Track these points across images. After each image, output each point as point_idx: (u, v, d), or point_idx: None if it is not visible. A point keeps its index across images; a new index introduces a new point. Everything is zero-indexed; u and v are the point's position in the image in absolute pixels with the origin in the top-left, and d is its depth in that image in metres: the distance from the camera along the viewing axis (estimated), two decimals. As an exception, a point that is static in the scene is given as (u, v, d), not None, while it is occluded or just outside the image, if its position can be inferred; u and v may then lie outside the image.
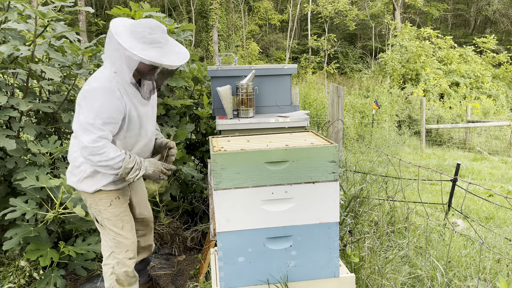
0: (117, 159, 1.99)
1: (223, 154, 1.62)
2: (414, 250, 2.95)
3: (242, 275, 1.71)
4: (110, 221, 2.22)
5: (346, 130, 8.94)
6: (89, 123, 1.94)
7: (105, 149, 1.95)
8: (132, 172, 2.04)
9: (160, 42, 1.95)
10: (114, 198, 2.21)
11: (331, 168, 1.68)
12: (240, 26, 26.02)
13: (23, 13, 2.76)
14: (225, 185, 1.63)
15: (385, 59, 17.76)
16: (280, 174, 1.66)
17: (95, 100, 1.93)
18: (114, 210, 2.22)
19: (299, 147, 1.66)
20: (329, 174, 1.68)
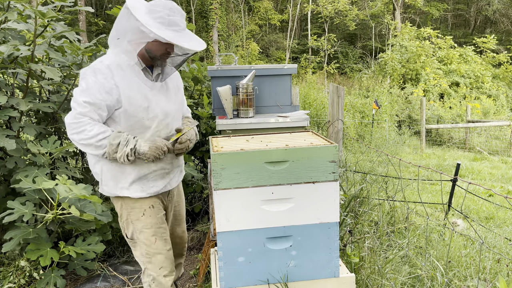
0: (100, 135, 1.83)
1: (223, 154, 1.62)
2: (414, 250, 2.95)
3: (242, 275, 1.71)
4: (143, 233, 2.03)
5: (346, 130, 8.93)
6: (73, 101, 1.86)
7: (85, 126, 1.83)
8: (119, 150, 1.84)
9: (179, 25, 1.85)
10: (147, 207, 2.03)
11: (331, 168, 1.68)
12: (240, 26, 26.02)
13: (23, 13, 2.76)
14: (225, 185, 1.63)
15: (385, 59, 17.76)
16: (280, 174, 1.66)
17: (82, 80, 1.86)
18: (148, 221, 2.03)
19: (299, 147, 1.66)
20: (329, 174, 1.68)
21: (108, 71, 1.85)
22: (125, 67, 1.90)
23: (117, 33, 1.89)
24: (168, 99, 2.06)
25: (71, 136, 1.86)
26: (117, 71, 1.87)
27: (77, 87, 1.88)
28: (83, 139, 1.84)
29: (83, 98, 1.83)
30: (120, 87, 1.87)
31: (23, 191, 2.56)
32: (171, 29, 1.82)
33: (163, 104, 2.01)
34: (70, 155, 3.03)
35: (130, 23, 1.82)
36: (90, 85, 1.84)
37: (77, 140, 1.85)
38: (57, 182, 2.40)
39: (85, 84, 1.84)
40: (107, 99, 1.85)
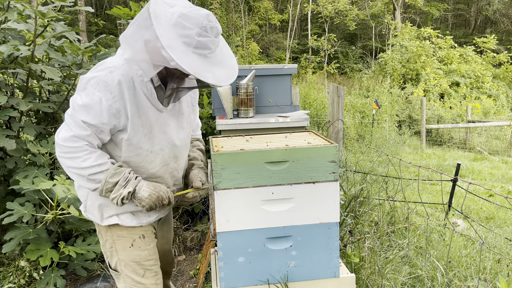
0: (95, 168, 1.51)
1: (223, 154, 1.61)
2: (414, 250, 2.94)
3: (242, 275, 1.70)
4: (129, 267, 1.72)
5: (346, 130, 8.93)
6: (69, 114, 1.51)
7: (80, 153, 1.50)
8: (115, 191, 1.53)
9: (209, 49, 1.45)
10: (137, 237, 1.73)
11: (331, 168, 1.68)
12: (240, 26, 26.02)
13: (23, 13, 2.76)
14: (225, 185, 1.63)
15: (385, 59, 17.76)
16: (280, 174, 1.65)
17: (84, 91, 1.50)
18: (136, 253, 1.72)
19: (299, 147, 1.65)
20: (329, 174, 1.68)
21: (118, 89, 1.50)
22: (137, 83, 1.54)
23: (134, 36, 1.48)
24: (179, 125, 1.74)
25: (60, 157, 1.53)
26: (128, 90, 1.52)
27: (77, 97, 1.51)
28: (74, 168, 1.52)
29: (83, 117, 1.48)
30: (129, 111, 1.53)
31: (22, 191, 2.56)
32: (198, 53, 1.43)
33: (173, 133, 1.70)
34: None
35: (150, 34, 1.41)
36: (94, 102, 1.48)
37: (66, 166, 1.53)
38: (55, 183, 2.39)
39: (88, 99, 1.48)
40: (112, 123, 1.53)
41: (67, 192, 2.36)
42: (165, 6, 1.42)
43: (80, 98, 1.50)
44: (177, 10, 1.41)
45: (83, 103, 1.49)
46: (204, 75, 1.42)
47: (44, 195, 2.57)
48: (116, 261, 1.75)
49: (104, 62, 1.57)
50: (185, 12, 1.41)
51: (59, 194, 2.35)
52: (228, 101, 2.72)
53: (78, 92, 1.53)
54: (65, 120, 1.54)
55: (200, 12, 1.43)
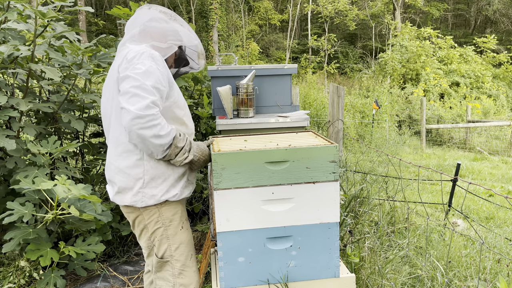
0: (170, 134, 1.63)
1: (224, 154, 1.61)
2: (414, 250, 2.94)
3: (242, 275, 1.70)
4: (179, 250, 1.82)
5: (346, 130, 8.93)
6: (137, 86, 1.56)
7: (159, 120, 1.57)
8: (180, 154, 1.69)
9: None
10: (185, 219, 1.87)
11: (332, 168, 1.68)
12: (240, 26, 26.02)
13: (23, 13, 2.76)
14: (225, 185, 1.63)
15: (385, 59, 17.76)
16: (281, 174, 1.65)
17: (141, 62, 1.62)
18: (185, 235, 1.85)
19: (299, 147, 1.65)
20: (330, 174, 1.68)
21: (161, 60, 1.71)
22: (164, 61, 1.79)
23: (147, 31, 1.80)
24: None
25: (141, 130, 1.55)
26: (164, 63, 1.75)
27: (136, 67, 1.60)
28: (155, 137, 1.57)
29: (150, 82, 1.58)
30: (170, 78, 1.75)
31: (22, 191, 2.56)
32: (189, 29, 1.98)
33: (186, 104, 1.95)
34: (70, 155, 3.03)
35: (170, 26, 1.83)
36: (153, 69, 1.61)
37: (148, 136, 1.56)
38: (55, 183, 2.39)
39: (147, 66, 1.61)
40: (167, 88, 1.69)
41: (67, 192, 2.36)
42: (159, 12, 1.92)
43: (141, 66, 1.60)
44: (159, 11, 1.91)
45: (146, 69, 1.60)
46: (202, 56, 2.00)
47: (44, 195, 2.57)
48: (166, 248, 1.81)
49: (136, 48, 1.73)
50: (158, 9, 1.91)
51: (60, 194, 2.34)
52: (228, 101, 2.72)
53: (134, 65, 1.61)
54: (130, 94, 1.56)
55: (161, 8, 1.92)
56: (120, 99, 1.58)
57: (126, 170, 1.73)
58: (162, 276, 1.84)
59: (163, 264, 1.83)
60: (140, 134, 1.55)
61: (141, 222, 1.82)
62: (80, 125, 2.79)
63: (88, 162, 3.47)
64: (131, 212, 1.81)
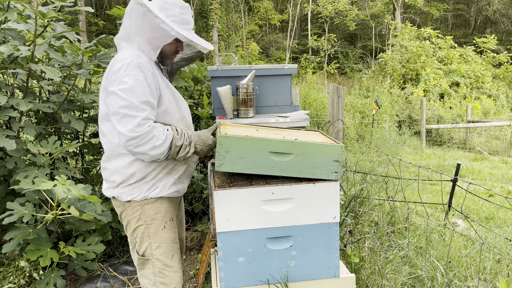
0: (167, 140, 1.68)
1: (230, 137, 1.59)
2: (414, 250, 2.94)
3: (242, 276, 1.70)
4: (160, 249, 1.84)
5: (346, 130, 8.93)
6: (125, 106, 1.59)
7: (153, 132, 1.63)
8: (181, 151, 1.74)
9: (190, 24, 1.77)
10: (168, 219, 1.86)
11: (334, 167, 1.67)
12: (240, 26, 26.02)
13: (23, 13, 2.76)
14: (227, 168, 1.61)
15: (385, 59, 17.76)
16: (283, 165, 1.64)
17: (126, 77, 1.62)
18: (167, 235, 1.85)
19: (306, 142, 1.65)
20: (331, 173, 1.67)
21: (150, 67, 1.70)
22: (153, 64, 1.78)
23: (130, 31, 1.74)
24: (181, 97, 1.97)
25: (137, 148, 1.62)
26: (153, 68, 1.74)
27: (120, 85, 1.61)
28: (153, 148, 1.64)
29: (138, 98, 1.61)
30: (160, 85, 1.75)
31: (22, 191, 2.56)
32: (184, 28, 1.74)
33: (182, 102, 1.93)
34: (70, 155, 3.03)
35: (147, 20, 1.68)
36: (139, 81, 1.63)
37: (145, 151, 1.64)
38: (55, 183, 2.39)
39: (134, 80, 1.62)
40: (156, 97, 1.71)
41: (67, 192, 2.36)
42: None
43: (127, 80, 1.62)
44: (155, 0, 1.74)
45: (132, 84, 1.62)
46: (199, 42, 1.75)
47: (44, 195, 2.57)
48: (147, 246, 1.83)
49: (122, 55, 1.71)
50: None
51: (60, 195, 2.34)
52: (228, 101, 2.72)
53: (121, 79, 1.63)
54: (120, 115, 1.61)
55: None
56: (112, 119, 1.65)
57: (121, 169, 1.78)
58: (144, 274, 1.87)
59: (144, 262, 1.86)
60: (138, 152, 1.65)
61: (125, 217, 1.86)
62: (80, 125, 2.79)
63: (88, 162, 3.47)
64: (118, 206, 1.87)
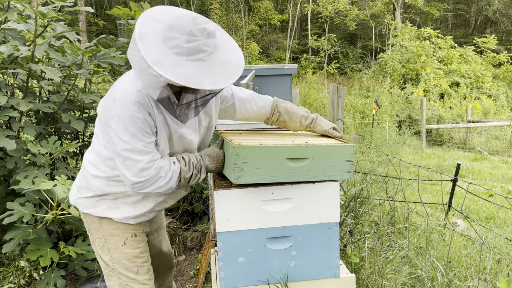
0: (174, 177, 1.57)
1: (246, 148, 1.55)
2: (414, 250, 2.94)
3: (242, 275, 1.70)
4: (121, 264, 1.74)
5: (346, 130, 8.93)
6: (128, 150, 1.48)
7: (158, 175, 1.53)
8: (192, 180, 1.63)
9: (204, 51, 1.37)
10: (129, 235, 1.74)
11: (347, 167, 1.67)
12: (240, 26, 26.02)
13: (23, 13, 2.76)
14: (246, 179, 1.58)
15: (385, 59, 17.77)
16: (300, 171, 1.63)
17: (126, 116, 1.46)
18: (129, 251, 1.74)
19: (320, 145, 1.65)
20: (345, 173, 1.68)
21: (150, 105, 1.50)
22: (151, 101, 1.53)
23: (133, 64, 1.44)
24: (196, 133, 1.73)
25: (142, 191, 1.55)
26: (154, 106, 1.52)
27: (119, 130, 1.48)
28: (162, 187, 1.56)
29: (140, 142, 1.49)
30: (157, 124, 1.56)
31: (22, 191, 2.56)
32: (192, 59, 1.35)
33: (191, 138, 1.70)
34: (70, 155, 3.03)
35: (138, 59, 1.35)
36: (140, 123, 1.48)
37: (155, 191, 1.57)
38: (55, 183, 2.39)
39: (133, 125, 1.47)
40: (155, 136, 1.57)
41: (67, 192, 2.36)
42: (153, 23, 1.36)
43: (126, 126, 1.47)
44: (165, 24, 1.36)
45: (132, 130, 1.47)
46: (198, 82, 1.33)
47: (44, 195, 2.57)
48: (109, 259, 1.75)
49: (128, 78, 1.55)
50: (171, 23, 1.35)
51: (60, 195, 2.35)
52: (228, 101, 2.72)
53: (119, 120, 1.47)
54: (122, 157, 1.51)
55: (186, 18, 1.36)
56: (116, 160, 1.54)
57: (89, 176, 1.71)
58: (111, 285, 1.78)
59: (110, 274, 1.77)
60: (145, 192, 1.57)
61: (86, 224, 1.79)
62: (80, 125, 2.79)
63: (88, 162, 3.46)
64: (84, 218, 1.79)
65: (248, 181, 1.58)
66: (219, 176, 1.85)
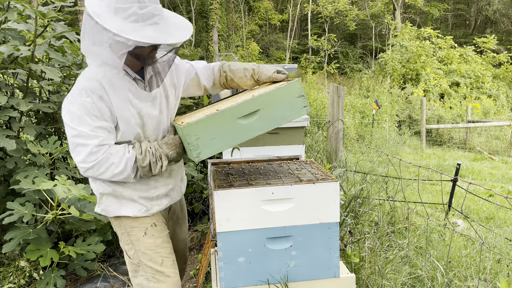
0: (128, 165, 1.59)
1: (193, 123, 1.52)
2: (414, 250, 2.94)
3: (242, 275, 1.70)
4: (146, 255, 1.77)
5: (346, 130, 8.93)
6: (76, 135, 1.54)
7: (110, 159, 1.56)
8: (153, 168, 1.62)
9: (156, 15, 1.50)
10: (149, 225, 1.79)
11: (301, 103, 1.63)
12: (240, 26, 26.02)
13: (23, 13, 2.76)
14: (206, 153, 1.55)
15: (385, 59, 17.76)
16: (257, 125, 1.58)
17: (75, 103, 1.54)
18: (151, 241, 1.78)
19: (265, 93, 1.60)
20: (301, 110, 1.63)
21: (102, 91, 1.57)
22: (118, 81, 1.61)
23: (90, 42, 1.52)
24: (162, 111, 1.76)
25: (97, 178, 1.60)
26: (110, 89, 1.59)
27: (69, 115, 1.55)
28: (115, 175, 1.59)
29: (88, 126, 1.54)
30: (115, 108, 1.60)
31: (22, 191, 2.56)
32: (149, 23, 1.48)
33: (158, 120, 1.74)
34: (70, 155, 3.03)
35: (100, 32, 1.46)
36: (88, 108, 1.54)
37: (108, 178, 1.59)
38: (55, 183, 2.39)
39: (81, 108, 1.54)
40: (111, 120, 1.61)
41: (67, 192, 2.36)
42: (99, 2, 1.47)
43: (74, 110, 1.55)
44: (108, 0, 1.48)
45: (79, 114, 1.54)
46: (163, 38, 1.47)
47: (44, 195, 2.57)
48: (134, 253, 1.79)
49: (81, 75, 1.63)
50: None
51: (60, 195, 2.35)
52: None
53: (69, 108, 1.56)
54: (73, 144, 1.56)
55: None
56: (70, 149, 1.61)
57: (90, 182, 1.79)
58: (138, 283, 1.81)
59: (137, 269, 1.81)
60: (100, 179, 1.62)
61: (114, 228, 1.86)
62: (80, 125, 2.78)
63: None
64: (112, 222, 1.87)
65: (209, 154, 1.55)
66: (219, 176, 1.85)
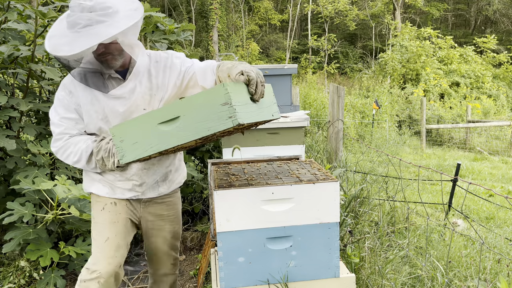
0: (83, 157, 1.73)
1: (117, 126, 1.54)
2: (414, 250, 2.94)
3: (242, 275, 1.70)
4: (95, 229, 1.84)
5: (346, 130, 8.93)
6: (50, 123, 1.78)
7: (70, 148, 1.74)
8: (106, 163, 1.70)
9: (78, 24, 1.53)
10: (109, 202, 1.87)
11: (226, 112, 1.36)
12: (240, 26, 26.03)
13: (23, 13, 2.76)
14: (129, 157, 1.53)
15: (385, 59, 17.77)
16: (177, 133, 1.45)
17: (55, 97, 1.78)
18: (105, 216, 1.85)
19: (187, 97, 1.47)
20: (227, 120, 1.37)
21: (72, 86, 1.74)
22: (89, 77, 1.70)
23: None
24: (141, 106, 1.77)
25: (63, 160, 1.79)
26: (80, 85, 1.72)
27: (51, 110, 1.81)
28: (75, 163, 1.76)
29: (57, 116, 1.75)
30: (81, 102, 1.73)
31: (22, 191, 2.56)
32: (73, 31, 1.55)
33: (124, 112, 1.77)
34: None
35: None
36: (60, 100, 1.76)
37: (71, 164, 1.78)
38: (55, 183, 2.39)
39: (56, 100, 1.77)
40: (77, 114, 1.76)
41: (67, 192, 2.36)
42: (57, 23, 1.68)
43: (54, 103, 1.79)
44: None
45: (54, 105, 1.78)
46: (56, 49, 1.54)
47: (44, 195, 2.57)
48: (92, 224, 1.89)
49: None
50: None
51: (60, 194, 2.35)
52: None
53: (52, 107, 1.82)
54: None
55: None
56: None
57: None
58: None
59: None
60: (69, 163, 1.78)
61: None
62: (80, 125, 2.79)
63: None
64: None
65: (130, 159, 1.52)
66: (219, 176, 1.86)
